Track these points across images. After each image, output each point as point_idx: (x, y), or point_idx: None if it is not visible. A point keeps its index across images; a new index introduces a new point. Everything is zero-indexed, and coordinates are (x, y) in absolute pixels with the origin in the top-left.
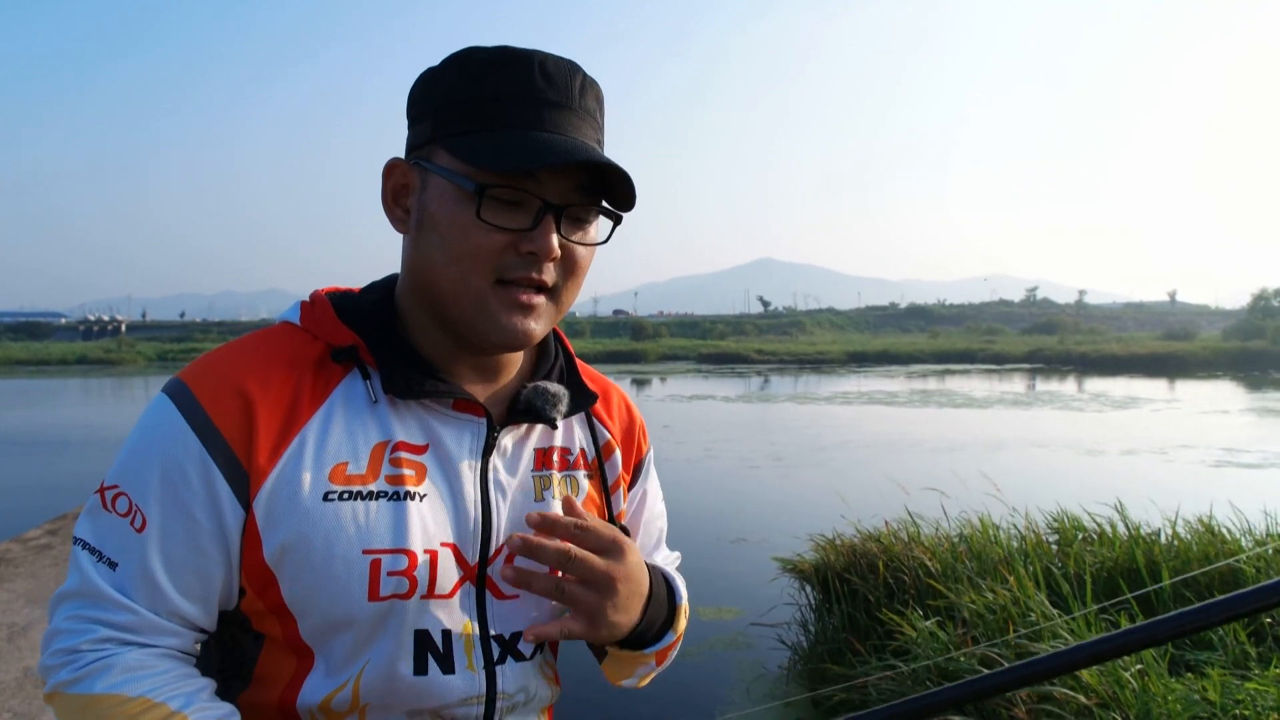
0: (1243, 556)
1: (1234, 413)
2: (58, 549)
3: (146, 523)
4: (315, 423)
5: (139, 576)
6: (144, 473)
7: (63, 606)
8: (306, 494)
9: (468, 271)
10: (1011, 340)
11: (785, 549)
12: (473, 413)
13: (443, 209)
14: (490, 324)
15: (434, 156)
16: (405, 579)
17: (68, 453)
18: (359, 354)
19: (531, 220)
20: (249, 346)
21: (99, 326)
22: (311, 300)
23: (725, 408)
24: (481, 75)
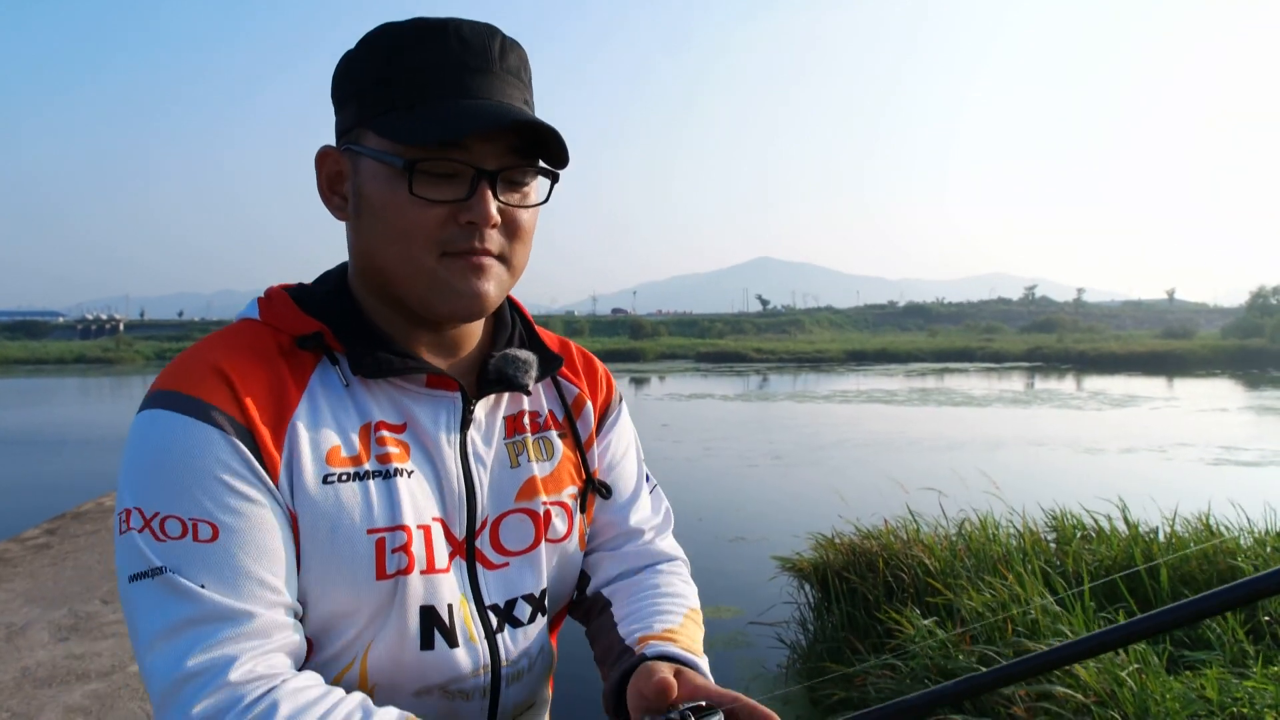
0: (1241, 554)
1: (1232, 411)
2: (56, 548)
3: (216, 529)
4: (303, 409)
5: (236, 581)
6: (178, 485)
7: (171, 647)
8: (310, 478)
9: (411, 249)
10: (1010, 339)
11: (784, 548)
12: (446, 388)
13: (377, 190)
14: (443, 295)
15: (362, 139)
16: (405, 555)
17: (66, 452)
18: (324, 340)
19: (467, 190)
20: (213, 340)
21: (97, 325)
22: (268, 296)
23: (724, 406)
24: (398, 50)
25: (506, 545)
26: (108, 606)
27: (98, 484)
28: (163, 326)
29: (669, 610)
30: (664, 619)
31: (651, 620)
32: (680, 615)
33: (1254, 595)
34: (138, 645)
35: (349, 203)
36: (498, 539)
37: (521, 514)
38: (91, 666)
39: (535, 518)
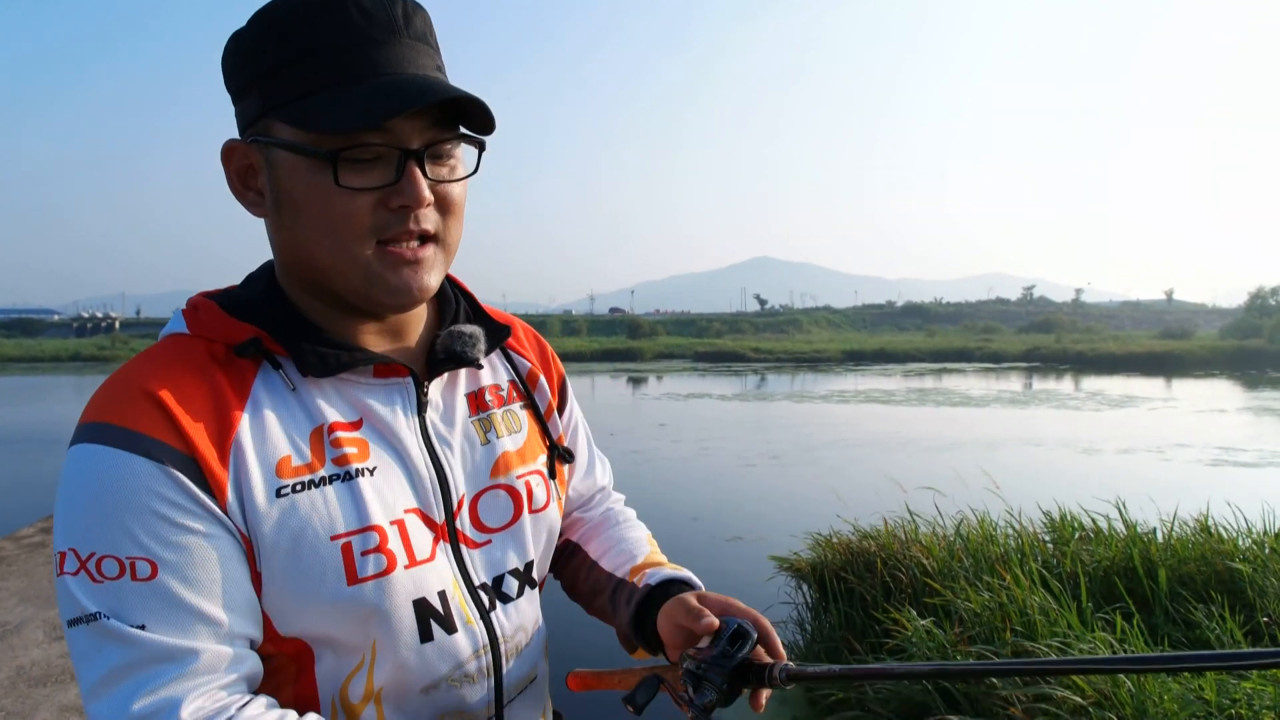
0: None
1: (1231, 411)
2: (50, 547)
3: (155, 566)
4: (246, 423)
5: (177, 618)
6: (113, 523)
7: (113, 694)
8: (261, 495)
9: (344, 241)
10: (1008, 339)
11: (782, 547)
12: (395, 374)
13: (298, 184)
14: (381, 288)
15: (271, 130)
16: (383, 555)
17: (61, 450)
18: (263, 345)
19: (394, 172)
20: (140, 361)
21: (93, 323)
22: (193, 306)
23: (722, 406)
24: (295, 29)
25: (486, 522)
26: None
27: None
28: (159, 324)
29: (639, 540)
30: (640, 547)
31: (632, 551)
32: (649, 543)
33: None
34: (83, 692)
35: (266, 198)
36: (477, 517)
37: (498, 490)
38: None
39: (513, 492)
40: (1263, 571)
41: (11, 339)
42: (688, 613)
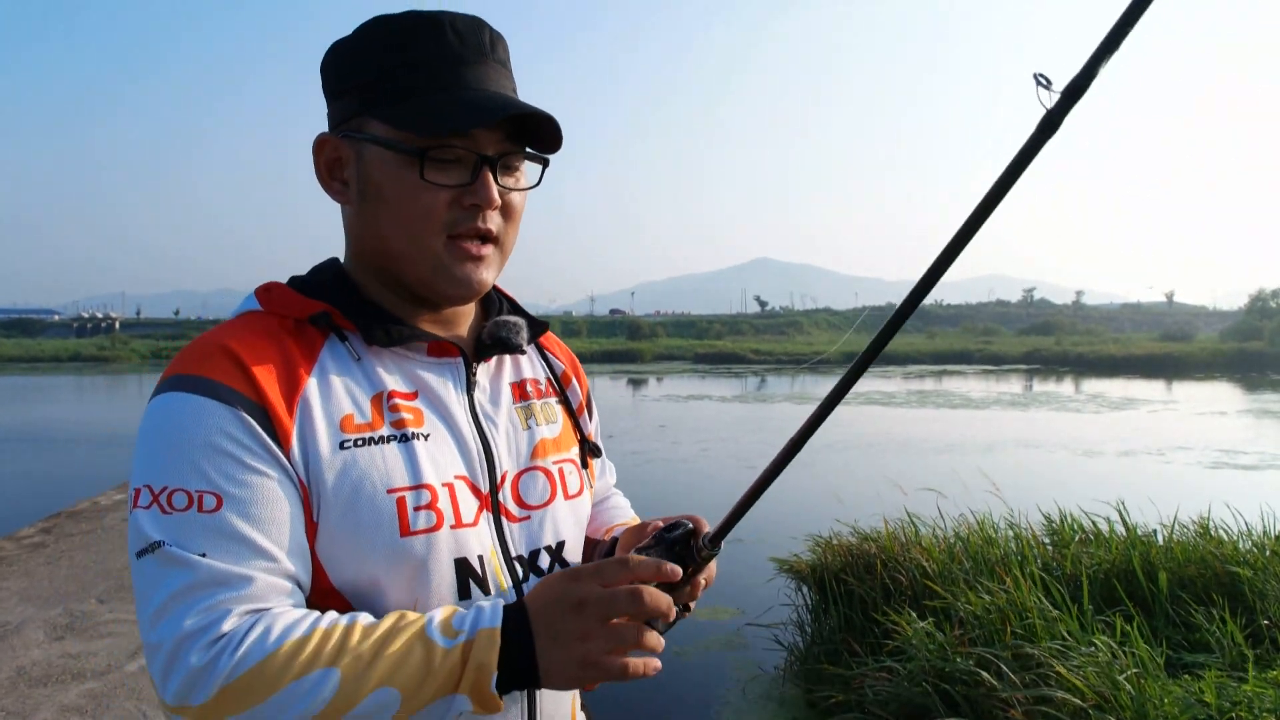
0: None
1: (1231, 414)
2: (51, 547)
3: (220, 499)
4: (314, 383)
5: (237, 548)
6: (184, 459)
7: (170, 615)
8: (325, 445)
9: (420, 231)
10: (1009, 341)
11: (782, 549)
12: (448, 354)
13: (385, 176)
14: (445, 278)
15: (366, 127)
16: (433, 512)
17: (61, 450)
18: (332, 320)
19: (470, 174)
20: (219, 328)
21: (93, 324)
22: (266, 288)
23: (721, 407)
24: (399, 44)
25: (527, 500)
26: (104, 606)
27: (93, 483)
28: (159, 325)
29: (620, 516)
30: (620, 515)
31: (611, 518)
32: (629, 516)
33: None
34: (142, 623)
35: (350, 188)
36: (518, 494)
37: (537, 471)
38: (87, 666)
39: (549, 475)
40: (1263, 575)
41: (11, 339)
42: (635, 527)
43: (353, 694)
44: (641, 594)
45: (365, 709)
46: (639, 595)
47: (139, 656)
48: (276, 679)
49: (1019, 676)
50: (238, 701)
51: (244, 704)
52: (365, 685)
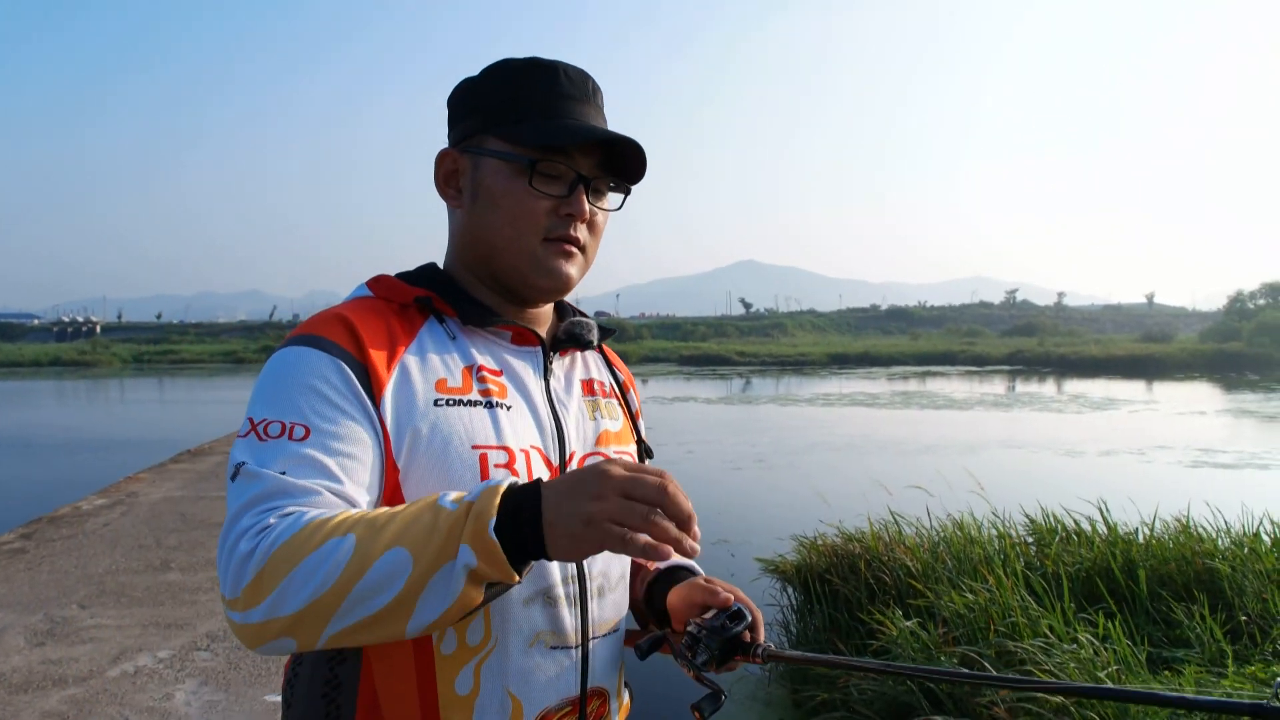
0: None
1: (1210, 414)
2: (32, 553)
3: (309, 430)
4: (413, 350)
5: (314, 471)
6: (286, 396)
7: (236, 520)
8: (420, 399)
9: (522, 230)
10: (992, 342)
11: (767, 550)
12: (530, 343)
13: (498, 182)
14: (541, 271)
15: (485, 143)
16: (509, 472)
17: (41, 456)
18: (433, 304)
19: (567, 189)
20: (334, 307)
21: (73, 328)
22: (375, 280)
23: (707, 409)
24: (520, 79)
25: None
26: (85, 611)
27: (75, 488)
28: (141, 329)
29: None
30: None
31: None
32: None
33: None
34: (221, 535)
35: (464, 195)
36: None
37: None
38: (68, 672)
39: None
40: (1241, 571)
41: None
42: (704, 590)
43: (365, 555)
44: (668, 487)
45: (379, 570)
46: (665, 488)
47: (121, 662)
48: (299, 551)
49: (1002, 674)
50: (271, 578)
51: (275, 580)
52: (377, 547)
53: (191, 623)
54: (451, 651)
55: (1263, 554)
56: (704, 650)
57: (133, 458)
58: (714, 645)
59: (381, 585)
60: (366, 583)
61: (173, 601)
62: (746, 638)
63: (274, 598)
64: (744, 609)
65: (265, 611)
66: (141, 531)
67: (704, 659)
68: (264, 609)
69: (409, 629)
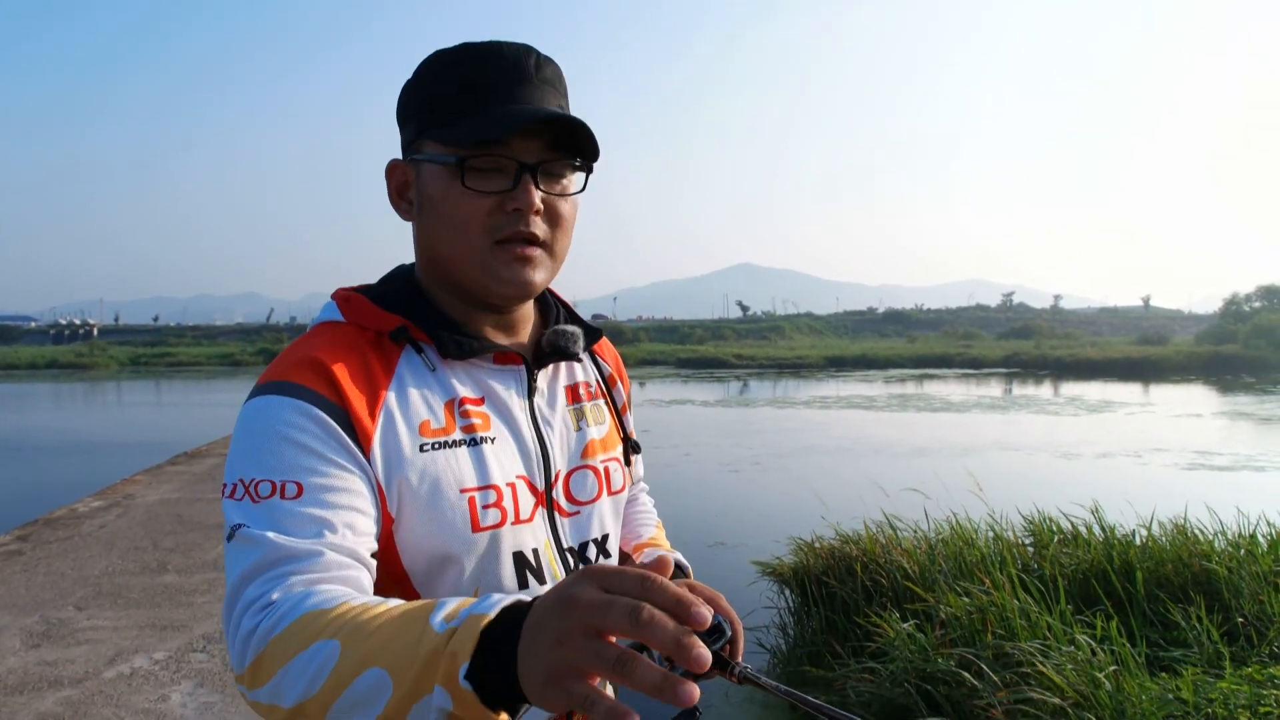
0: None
1: (1206, 416)
2: (28, 555)
3: (301, 488)
4: (394, 392)
5: (313, 528)
6: (273, 454)
7: (240, 590)
8: (406, 447)
9: (467, 236)
10: (988, 345)
11: (764, 552)
12: (512, 362)
13: (436, 188)
14: (494, 279)
15: (422, 149)
16: (498, 510)
17: (38, 459)
18: (409, 333)
19: (512, 181)
20: (305, 340)
21: (70, 330)
22: (345, 299)
23: (704, 412)
24: (451, 70)
25: (577, 496)
26: (81, 613)
27: (71, 490)
28: (138, 331)
29: (647, 523)
30: (645, 529)
31: (638, 530)
32: (654, 526)
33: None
34: (224, 602)
35: (414, 205)
36: (569, 491)
37: (585, 470)
38: (64, 673)
39: (597, 473)
40: (1238, 573)
41: None
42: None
43: (346, 669)
44: (641, 611)
45: (358, 689)
46: (639, 612)
47: (117, 663)
48: (291, 645)
49: (1000, 676)
50: (270, 665)
51: (273, 669)
52: (358, 661)
53: (188, 624)
54: None
55: (1259, 556)
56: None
57: (129, 460)
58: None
59: (362, 705)
60: (348, 699)
61: (169, 603)
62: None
63: (272, 687)
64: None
65: (268, 697)
66: (138, 533)
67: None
68: (266, 694)
69: None
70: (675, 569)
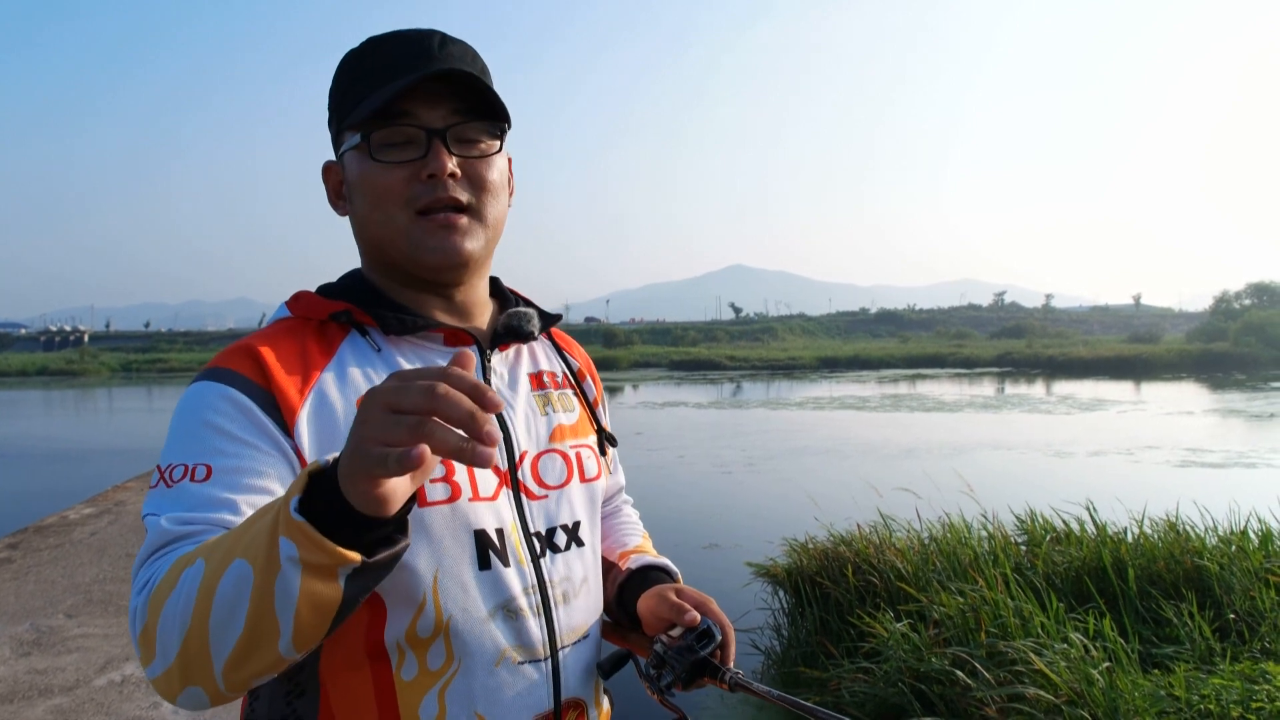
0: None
1: (1198, 414)
2: (18, 562)
3: (210, 470)
4: (331, 371)
5: (216, 508)
6: (190, 437)
7: (138, 575)
8: (343, 421)
9: (387, 210)
10: (980, 344)
11: (758, 554)
12: (463, 342)
13: (354, 172)
14: (421, 249)
15: (342, 142)
16: (448, 485)
17: (28, 466)
18: (353, 317)
19: (423, 149)
20: (252, 334)
21: (60, 337)
22: (294, 297)
23: (697, 414)
24: (357, 63)
25: (546, 480)
26: (71, 621)
27: (62, 498)
28: (129, 338)
29: (633, 532)
30: (631, 538)
31: (624, 539)
32: (640, 535)
33: None
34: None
35: (347, 200)
36: (538, 473)
37: (554, 454)
38: (55, 681)
39: (566, 458)
40: (1229, 569)
41: None
42: (671, 606)
43: (212, 577)
44: (437, 387)
45: (225, 589)
46: (434, 389)
47: (108, 671)
48: (163, 594)
49: (993, 674)
50: (152, 630)
51: (154, 631)
52: (220, 564)
53: None
54: (413, 677)
55: (1250, 552)
56: (669, 672)
57: (120, 467)
58: (680, 667)
59: (232, 605)
60: (219, 607)
61: None
62: (717, 657)
63: (160, 649)
64: (713, 627)
65: (160, 665)
66: (129, 540)
67: (669, 681)
68: (157, 663)
69: (284, 648)
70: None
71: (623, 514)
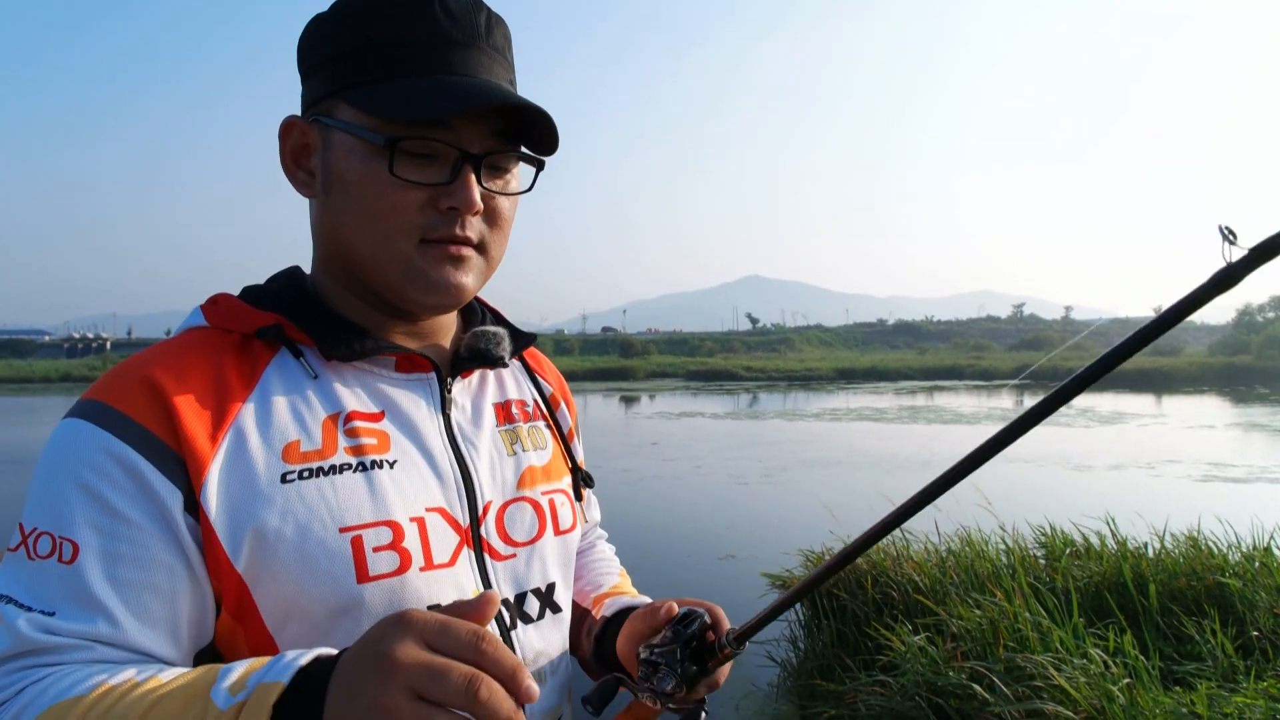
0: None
1: (1220, 427)
2: None
3: (77, 549)
4: (251, 405)
5: (85, 611)
6: (60, 499)
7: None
8: (262, 478)
9: (388, 233)
10: (999, 356)
11: (774, 565)
12: (420, 370)
13: (351, 167)
14: (419, 284)
15: (335, 111)
16: (396, 553)
17: None
18: (285, 333)
19: (449, 172)
20: (151, 349)
21: (84, 344)
22: (213, 300)
23: (714, 425)
24: (379, 17)
25: (513, 535)
26: None
27: None
28: (150, 345)
29: (607, 570)
30: (606, 578)
31: (598, 579)
32: (617, 574)
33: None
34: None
35: (316, 179)
36: (504, 528)
37: (524, 502)
38: None
39: (538, 507)
40: (1253, 586)
41: (1, 360)
42: (643, 613)
43: None
44: (479, 688)
45: None
46: (475, 690)
47: None
48: None
49: (1012, 689)
50: None
51: None
52: None
53: None
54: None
55: (1274, 569)
56: (667, 672)
57: None
58: (675, 660)
59: None
60: None
61: None
62: (710, 637)
63: None
64: (693, 609)
65: None
66: None
67: (671, 683)
68: None
69: None
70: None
71: (596, 549)
